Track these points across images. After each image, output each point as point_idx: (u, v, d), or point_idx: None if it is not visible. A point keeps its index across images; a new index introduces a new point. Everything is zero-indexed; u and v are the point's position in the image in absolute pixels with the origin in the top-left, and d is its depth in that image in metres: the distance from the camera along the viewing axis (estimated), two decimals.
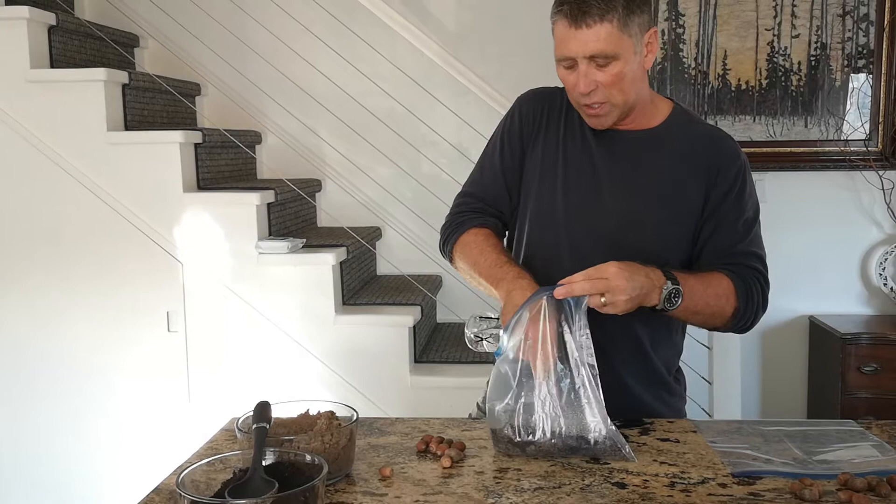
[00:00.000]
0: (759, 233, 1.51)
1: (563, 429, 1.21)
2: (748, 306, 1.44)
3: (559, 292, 1.26)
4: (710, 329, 1.53)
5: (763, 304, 1.47)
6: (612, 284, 1.26)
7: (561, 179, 1.50)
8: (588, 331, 1.25)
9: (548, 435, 1.21)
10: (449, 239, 1.59)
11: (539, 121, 1.55)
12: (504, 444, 1.25)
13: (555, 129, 1.53)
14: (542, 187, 1.52)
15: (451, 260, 1.61)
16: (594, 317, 1.28)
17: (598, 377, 1.23)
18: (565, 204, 1.49)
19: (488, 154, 1.61)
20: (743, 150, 1.52)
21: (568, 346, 1.25)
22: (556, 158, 1.51)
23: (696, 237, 1.48)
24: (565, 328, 1.25)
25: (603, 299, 1.26)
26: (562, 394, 1.23)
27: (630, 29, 1.35)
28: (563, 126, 1.53)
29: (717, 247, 1.47)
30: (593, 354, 1.24)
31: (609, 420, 1.22)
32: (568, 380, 1.23)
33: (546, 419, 1.22)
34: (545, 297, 1.26)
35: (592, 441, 1.21)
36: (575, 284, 1.26)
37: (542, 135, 1.54)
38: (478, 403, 1.61)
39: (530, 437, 1.22)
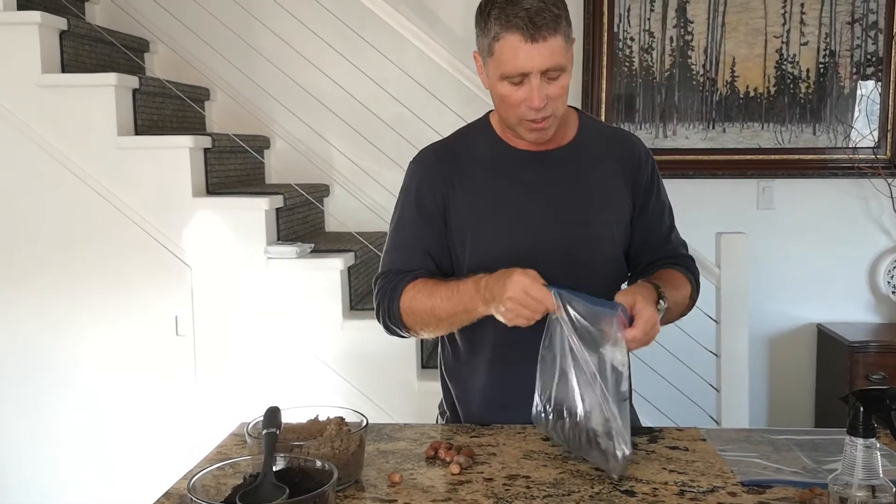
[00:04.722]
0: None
1: (585, 416, 1.21)
2: (698, 294, 1.56)
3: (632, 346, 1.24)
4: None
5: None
6: (656, 330, 1.28)
7: (505, 219, 1.45)
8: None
9: (575, 416, 1.22)
10: (391, 308, 1.45)
11: (447, 178, 1.47)
12: (542, 426, 1.30)
13: (470, 177, 1.47)
14: (478, 236, 1.45)
15: (402, 326, 1.46)
16: None
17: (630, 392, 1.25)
18: (511, 242, 1.44)
19: (398, 231, 1.53)
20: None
21: (606, 355, 1.22)
22: (487, 202, 1.46)
23: (630, 237, 1.53)
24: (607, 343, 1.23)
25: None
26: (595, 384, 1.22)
27: (569, 40, 1.36)
28: (481, 169, 1.47)
29: (651, 244, 1.54)
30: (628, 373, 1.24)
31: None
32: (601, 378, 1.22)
33: (576, 401, 1.23)
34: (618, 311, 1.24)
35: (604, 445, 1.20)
36: (639, 342, 1.25)
37: (457, 190, 1.47)
38: (440, 409, 1.65)
39: (563, 415, 1.24)
